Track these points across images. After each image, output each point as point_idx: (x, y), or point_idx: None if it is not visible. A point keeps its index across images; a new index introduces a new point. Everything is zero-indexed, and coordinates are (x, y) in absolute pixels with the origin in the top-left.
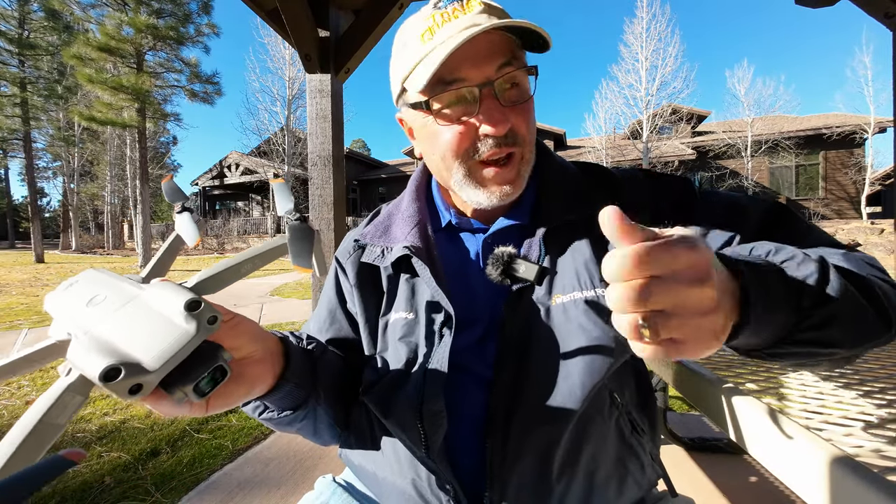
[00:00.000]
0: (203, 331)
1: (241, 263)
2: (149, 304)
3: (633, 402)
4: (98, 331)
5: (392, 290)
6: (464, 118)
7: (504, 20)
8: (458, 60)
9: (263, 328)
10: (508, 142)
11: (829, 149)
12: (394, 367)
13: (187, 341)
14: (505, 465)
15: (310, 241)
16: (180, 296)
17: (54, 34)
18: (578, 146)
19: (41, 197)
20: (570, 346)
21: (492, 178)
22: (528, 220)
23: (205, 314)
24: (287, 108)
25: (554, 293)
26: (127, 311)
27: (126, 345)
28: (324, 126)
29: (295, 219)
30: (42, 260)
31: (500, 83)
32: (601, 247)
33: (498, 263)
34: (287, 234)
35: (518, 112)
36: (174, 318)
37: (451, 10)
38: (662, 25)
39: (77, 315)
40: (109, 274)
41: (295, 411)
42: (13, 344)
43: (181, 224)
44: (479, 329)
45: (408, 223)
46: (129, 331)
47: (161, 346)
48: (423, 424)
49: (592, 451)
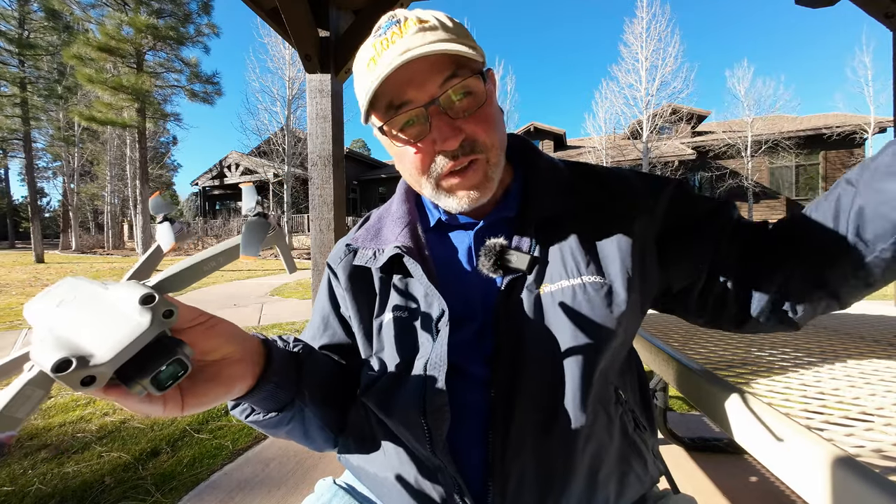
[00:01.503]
0: (157, 323)
1: (202, 262)
2: (108, 300)
3: (635, 400)
4: (59, 328)
5: (385, 290)
6: (419, 138)
7: (430, 45)
8: (402, 84)
9: (243, 330)
10: (466, 151)
11: (830, 149)
12: (391, 366)
13: (140, 333)
14: (506, 459)
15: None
16: (136, 291)
17: (54, 34)
18: (578, 146)
19: (41, 197)
20: (561, 334)
21: (457, 185)
22: (516, 212)
23: (159, 307)
24: (287, 108)
25: (543, 283)
26: (88, 308)
27: (81, 339)
28: (324, 126)
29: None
30: (42, 260)
31: (447, 98)
32: (588, 237)
33: (490, 254)
34: (243, 228)
35: (473, 121)
36: (129, 312)
37: (391, 35)
38: (662, 25)
39: (45, 316)
40: (86, 280)
41: (280, 412)
42: (13, 344)
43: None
44: (475, 325)
45: (398, 224)
46: (87, 326)
47: (114, 338)
48: (427, 420)
49: (596, 446)
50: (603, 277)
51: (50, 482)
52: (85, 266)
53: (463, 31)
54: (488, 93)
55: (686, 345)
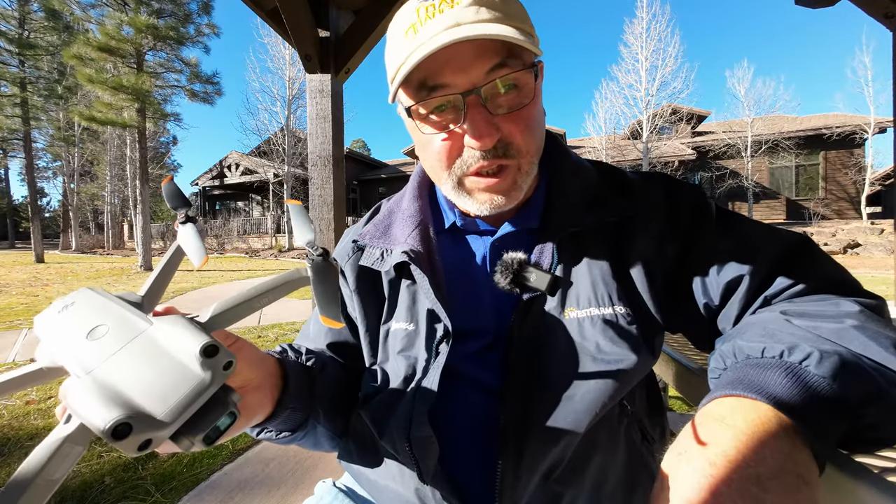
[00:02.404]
0: (219, 378)
1: (256, 298)
2: (159, 343)
3: (643, 410)
4: (102, 372)
5: (393, 296)
6: (450, 127)
7: (485, 26)
8: (441, 63)
9: (261, 350)
10: (499, 154)
11: (829, 149)
12: (392, 381)
13: (203, 390)
14: (518, 484)
15: (336, 282)
16: (195, 338)
17: (54, 34)
18: (578, 146)
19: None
20: (587, 365)
21: (482, 188)
22: (538, 223)
23: (221, 360)
24: (287, 108)
25: (567, 305)
26: (133, 349)
27: (135, 393)
28: (324, 126)
29: (318, 255)
30: (42, 260)
31: (489, 89)
32: (617, 258)
33: (507, 271)
34: (310, 274)
35: (513, 120)
36: (189, 364)
37: (438, 2)
38: (662, 26)
39: (76, 349)
40: (109, 297)
41: (294, 432)
42: (13, 344)
43: (186, 238)
44: (485, 338)
45: (408, 224)
46: (138, 375)
47: (175, 397)
48: (413, 450)
49: (601, 460)
50: (634, 307)
51: None
52: (85, 266)
53: (522, 13)
54: (536, 91)
55: (686, 345)
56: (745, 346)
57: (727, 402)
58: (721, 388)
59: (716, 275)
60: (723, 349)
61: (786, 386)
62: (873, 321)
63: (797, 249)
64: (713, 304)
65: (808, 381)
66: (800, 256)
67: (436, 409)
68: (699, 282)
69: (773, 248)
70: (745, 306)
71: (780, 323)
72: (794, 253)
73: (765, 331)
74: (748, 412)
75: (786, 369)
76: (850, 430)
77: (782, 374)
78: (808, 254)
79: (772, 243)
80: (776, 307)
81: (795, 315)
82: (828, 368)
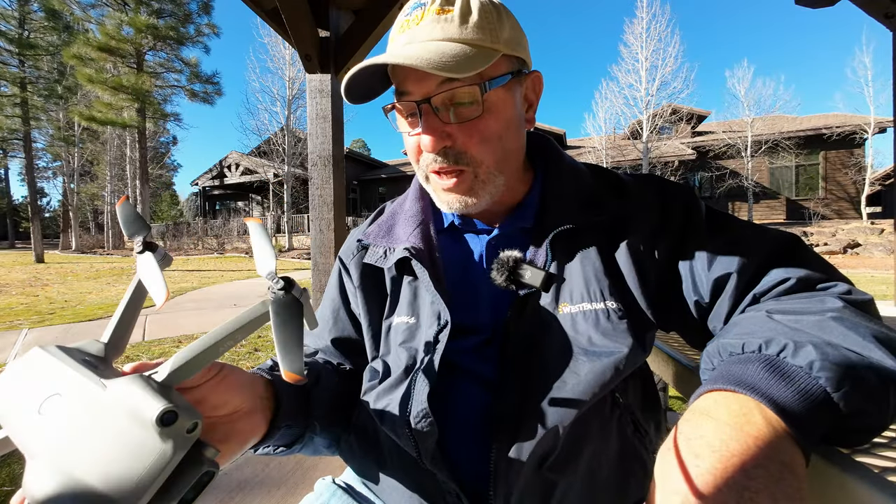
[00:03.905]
0: (182, 445)
1: (219, 342)
2: (114, 412)
3: (636, 404)
4: (56, 452)
5: (395, 291)
6: (414, 129)
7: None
8: (406, 73)
9: (248, 373)
10: (450, 160)
11: (829, 149)
12: (394, 371)
13: (165, 463)
14: (507, 468)
15: (300, 323)
16: (150, 405)
17: (54, 34)
18: (578, 146)
19: (41, 197)
20: (579, 359)
21: (442, 188)
22: (532, 222)
23: (182, 425)
24: (287, 108)
25: (561, 301)
26: (86, 423)
27: (92, 476)
28: (324, 126)
29: (279, 288)
30: (42, 260)
31: (440, 99)
32: (610, 256)
33: (503, 269)
34: (270, 312)
35: (465, 131)
36: (146, 437)
37: (414, 18)
38: (662, 25)
39: (28, 425)
40: (63, 357)
41: (290, 447)
42: (13, 344)
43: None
44: (482, 333)
45: (410, 223)
46: (94, 454)
47: (136, 475)
48: (412, 433)
49: (593, 450)
50: (626, 303)
51: None
52: (85, 266)
53: (490, 24)
54: (492, 104)
55: (686, 345)
56: (728, 344)
57: (711, 396)
58: (706, 385)
59: (706, 273)
60: (709, 350)
61: (764, 377)
62: (854, 313)
63: (786, 248)
64: (703, 302)
65: (786, 371)
66: (789, 255)
67: (435, 401)
68: (690, 280)
69: (762, 246)
70: (734, 304)
71: (761, 320)
72: (783, 251)
73: (746, 328)
74: (731, 404)
75: (763, 361)
76: (836, 420)
77: (760, 366)
78: (797, 252)
79: (761, 242)
80: (763, 305)
81: (778, 312)
82: (803, 358)
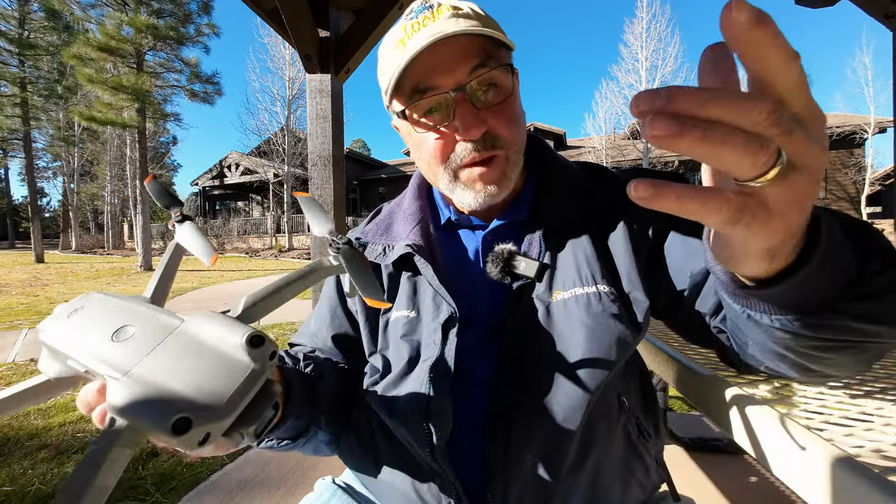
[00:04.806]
0: (268, 368)
1: (285, 288)
2: (198, 338)
3: (639, 406)
4: (143, 371)
5: (393, 288)
6: (442, 125)
7: (464, 27)
8: (430, 68)
9: None
10: (487, 145)
11: (830, 149)
12: (396, 365)
13: (255, 379)
14: (507, 468)
15: (367, 265)
16: (237, 330)
17: (54, 34)
18: (578, 146)
19: (41, 197)
20: (572, 343)
21: (476, 178)
22: (527, 216)
23: (267, 350)
24: (287, 108)
25: (554, 289)
26: (171, 346)
27: (184, 387)
28: (324, 126)
29: (344, 242)
30: (42, 260)
31: (474, 86)
32: (601, 243)
33: (498, 261)
34: (342, 262)
35: (496, 114)
36: (236, 355)
37: (422, 19)
38: (662, 25)
39: (104, 351)
40: (122, 297)
41: (295, 440)
42: (13, 344)
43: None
44: (481, 328)
45: (409, 221)
46: (183, 370)
47: (229, 388)
48: (430, 423)
49: (598, 454)
50: (618, 287)
51: (50, 482)
52: (85, 266)
53: (496, 24)
54: (514, 88)
55: (686, 345)
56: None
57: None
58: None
59: (693, 259)
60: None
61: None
62: None
63: None
64: (692, 287)
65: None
66: None
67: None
68: (679, 266)
69: None
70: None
71: None
72: None
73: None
74: None
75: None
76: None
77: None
78: None
79: None
80: None
81: None
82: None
